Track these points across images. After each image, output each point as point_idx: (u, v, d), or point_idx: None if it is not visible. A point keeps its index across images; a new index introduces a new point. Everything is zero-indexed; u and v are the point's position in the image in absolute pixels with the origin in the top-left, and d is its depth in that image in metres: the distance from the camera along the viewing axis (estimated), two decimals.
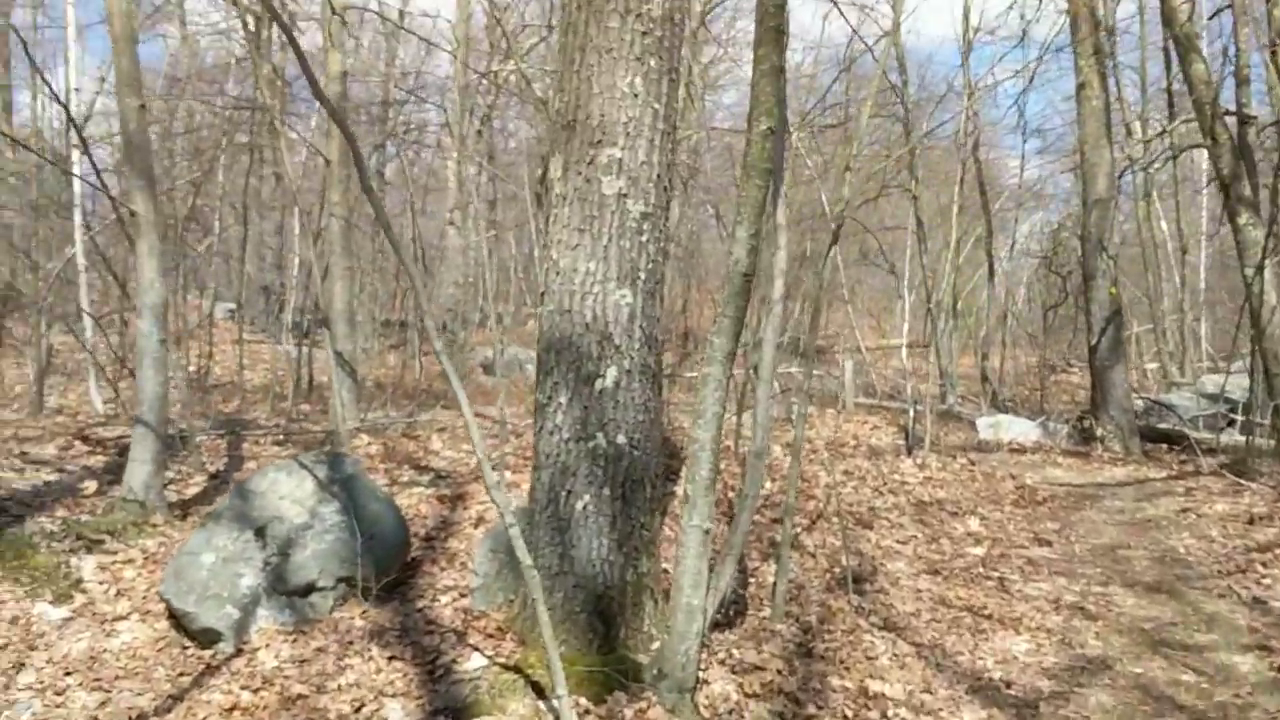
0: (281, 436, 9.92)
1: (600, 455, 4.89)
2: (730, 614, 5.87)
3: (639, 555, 5.03)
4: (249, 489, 5.90)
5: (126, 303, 16.18)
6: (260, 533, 5.63)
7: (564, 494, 4.93)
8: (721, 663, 5.18)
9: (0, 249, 17.41)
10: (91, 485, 7.07)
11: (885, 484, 10.20)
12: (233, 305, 21.82)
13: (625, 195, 4.94)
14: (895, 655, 5.84)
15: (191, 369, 16.47)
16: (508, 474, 8.14)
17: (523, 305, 27.49)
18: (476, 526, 7.03)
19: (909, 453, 11.56)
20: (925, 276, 20.78)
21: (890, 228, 24.93)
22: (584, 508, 4.89)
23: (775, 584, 6.09)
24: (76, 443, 8.95)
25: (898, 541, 8.37)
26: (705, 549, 4.56)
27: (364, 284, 19.89)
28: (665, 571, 5.72)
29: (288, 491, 5.90)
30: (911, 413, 12.57)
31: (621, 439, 4.91)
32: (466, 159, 21.71)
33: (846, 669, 5.53)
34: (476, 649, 5.07)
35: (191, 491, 7.61)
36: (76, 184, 12.65)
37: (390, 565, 5.95)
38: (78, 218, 12.97)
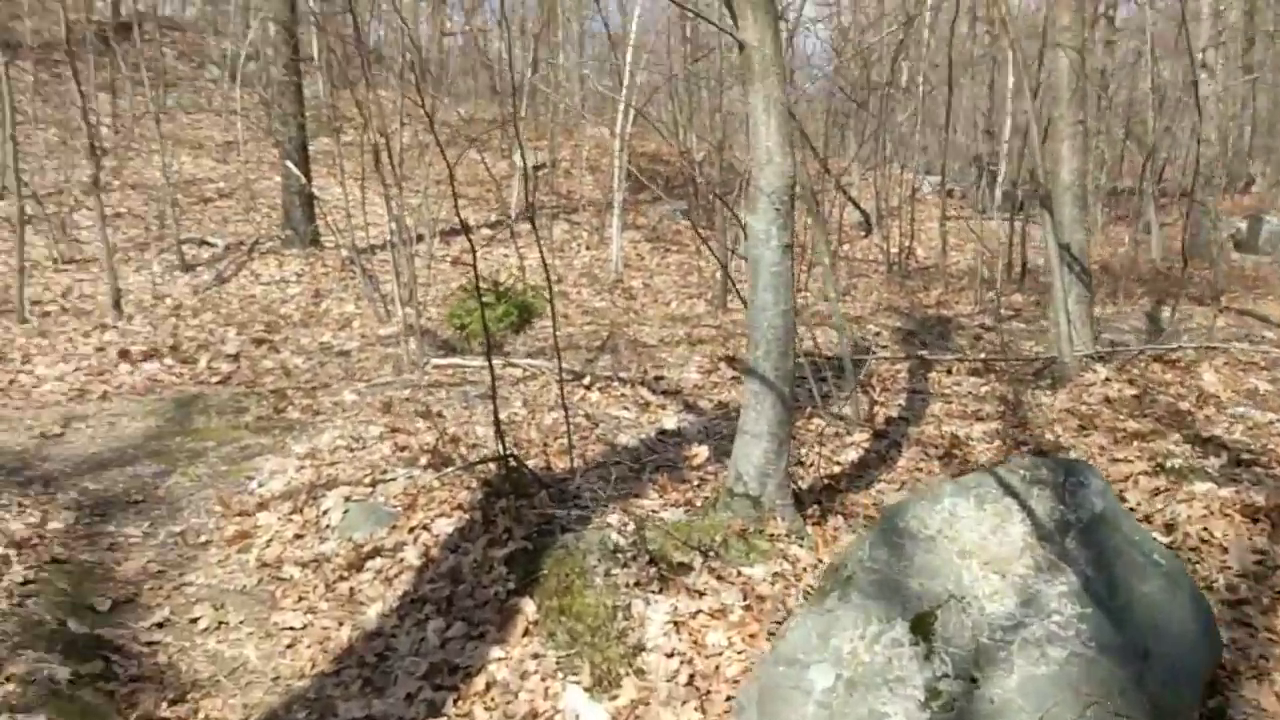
0: (979, 364, 6.99)
1: None
2: None
3: None
4: (902, 527, 3.11)
5: (824, 180, 14.27)
6: (922, 626, 2.83)
7: None
8: None
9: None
10: (701, 452, 4.82)
11: None
12: (938, 178, 19.19)
13: None
14: None
15: (893, 251, 14.18)
16: None
17: None
18: None
19: None
20: None
21: None
22: None
23: None
24: (722, 364, 6.92)
25: None
26: None
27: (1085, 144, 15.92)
28: None
29: (975, 541, 3.00)
30: None
31: None
32: None
33: None
34: None
35: (847, 458, 5.06)
36: None
37: (1179, 709, 2.80)
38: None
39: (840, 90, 14.99)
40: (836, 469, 4.91)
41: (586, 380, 6.17)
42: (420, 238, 11.02)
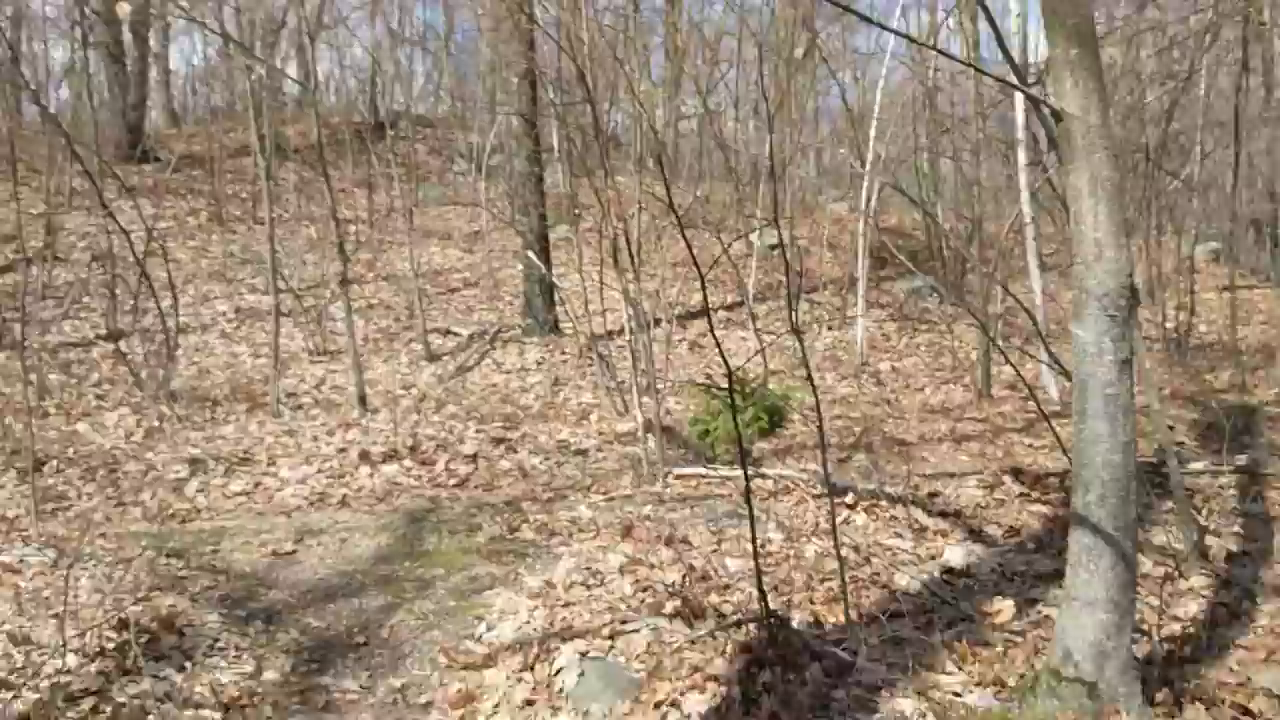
0: None
1: None
2: None
3: None
4: None
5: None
6: None
7: None
8: None
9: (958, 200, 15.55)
10: (1004, 607, 3.89)
11: None
12: (1217, 245, 17.25)
13: None
14: None
15: (1169, 326, 12.59)
16: None
17: None
18: None
19: None
20: None
21: None
22: None
23: None
24: (1006, 479, 5.92)
25: None
26: None
27: None
28: None
29: None
30: None
31: None
32: None
33: None
34: None
35: (1187, 611, 3.99)
36: (1019, 108, 9.72)
37: None
38: (1022, 157, 10.05)
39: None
40: (1176, 627, 3.87)
41: (850, 498, 5.35)
42: (658, 322, 10.57)
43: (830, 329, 13.52)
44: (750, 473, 6.02)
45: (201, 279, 13.00)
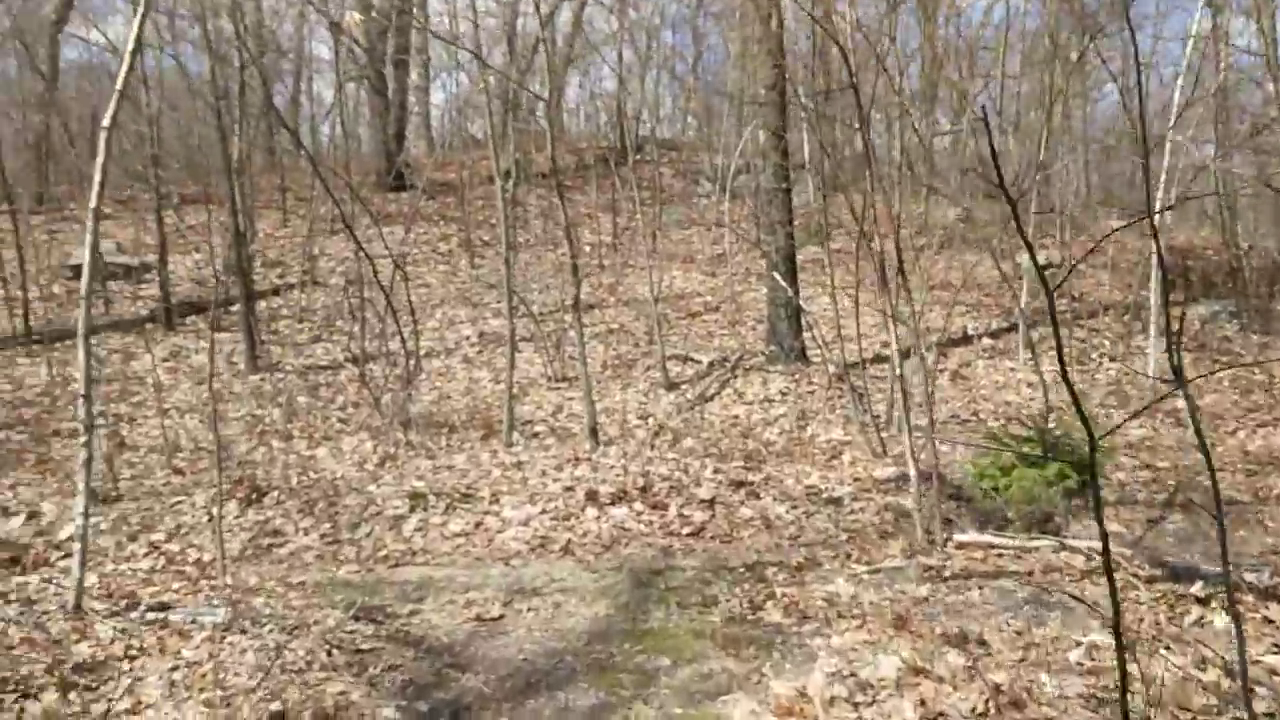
0: None
1: None
2: None
3: None
4: None
5: None
6: None
7: None
8: None
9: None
10: None
11: None
12: None
13: None
14: None
15: None
16: None
17: None
18: None
19: None
20: None
21: None
22: None
23: None
24: None
25: None
26: None
27: None
28: None
29: None
30: None
31: None
32: None
33: None
34: None
35: None
36: None
37: None
38: None
39: None
40: None
41: (1198, 587, 3.95)
42: (918, 349, 9.27)
43: (1112, 359, 11.66)
44: (1052, 543, 4.71)
45: (449, 303, 12.79)
